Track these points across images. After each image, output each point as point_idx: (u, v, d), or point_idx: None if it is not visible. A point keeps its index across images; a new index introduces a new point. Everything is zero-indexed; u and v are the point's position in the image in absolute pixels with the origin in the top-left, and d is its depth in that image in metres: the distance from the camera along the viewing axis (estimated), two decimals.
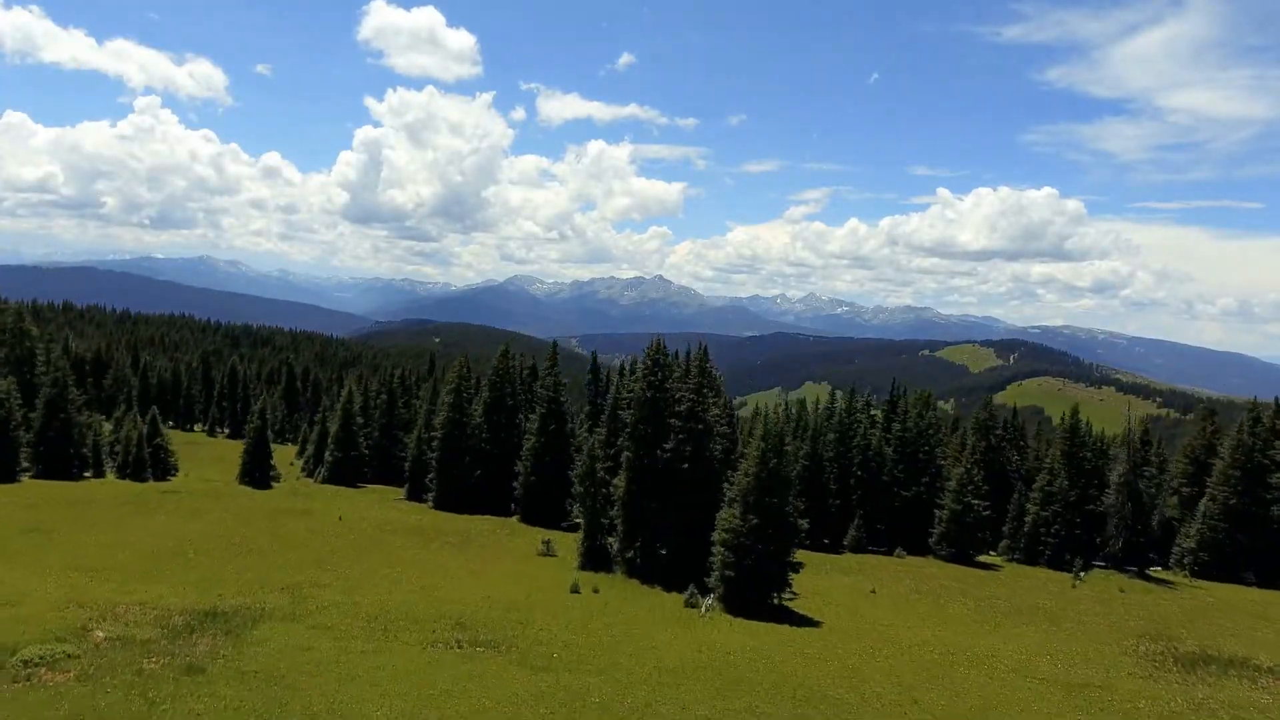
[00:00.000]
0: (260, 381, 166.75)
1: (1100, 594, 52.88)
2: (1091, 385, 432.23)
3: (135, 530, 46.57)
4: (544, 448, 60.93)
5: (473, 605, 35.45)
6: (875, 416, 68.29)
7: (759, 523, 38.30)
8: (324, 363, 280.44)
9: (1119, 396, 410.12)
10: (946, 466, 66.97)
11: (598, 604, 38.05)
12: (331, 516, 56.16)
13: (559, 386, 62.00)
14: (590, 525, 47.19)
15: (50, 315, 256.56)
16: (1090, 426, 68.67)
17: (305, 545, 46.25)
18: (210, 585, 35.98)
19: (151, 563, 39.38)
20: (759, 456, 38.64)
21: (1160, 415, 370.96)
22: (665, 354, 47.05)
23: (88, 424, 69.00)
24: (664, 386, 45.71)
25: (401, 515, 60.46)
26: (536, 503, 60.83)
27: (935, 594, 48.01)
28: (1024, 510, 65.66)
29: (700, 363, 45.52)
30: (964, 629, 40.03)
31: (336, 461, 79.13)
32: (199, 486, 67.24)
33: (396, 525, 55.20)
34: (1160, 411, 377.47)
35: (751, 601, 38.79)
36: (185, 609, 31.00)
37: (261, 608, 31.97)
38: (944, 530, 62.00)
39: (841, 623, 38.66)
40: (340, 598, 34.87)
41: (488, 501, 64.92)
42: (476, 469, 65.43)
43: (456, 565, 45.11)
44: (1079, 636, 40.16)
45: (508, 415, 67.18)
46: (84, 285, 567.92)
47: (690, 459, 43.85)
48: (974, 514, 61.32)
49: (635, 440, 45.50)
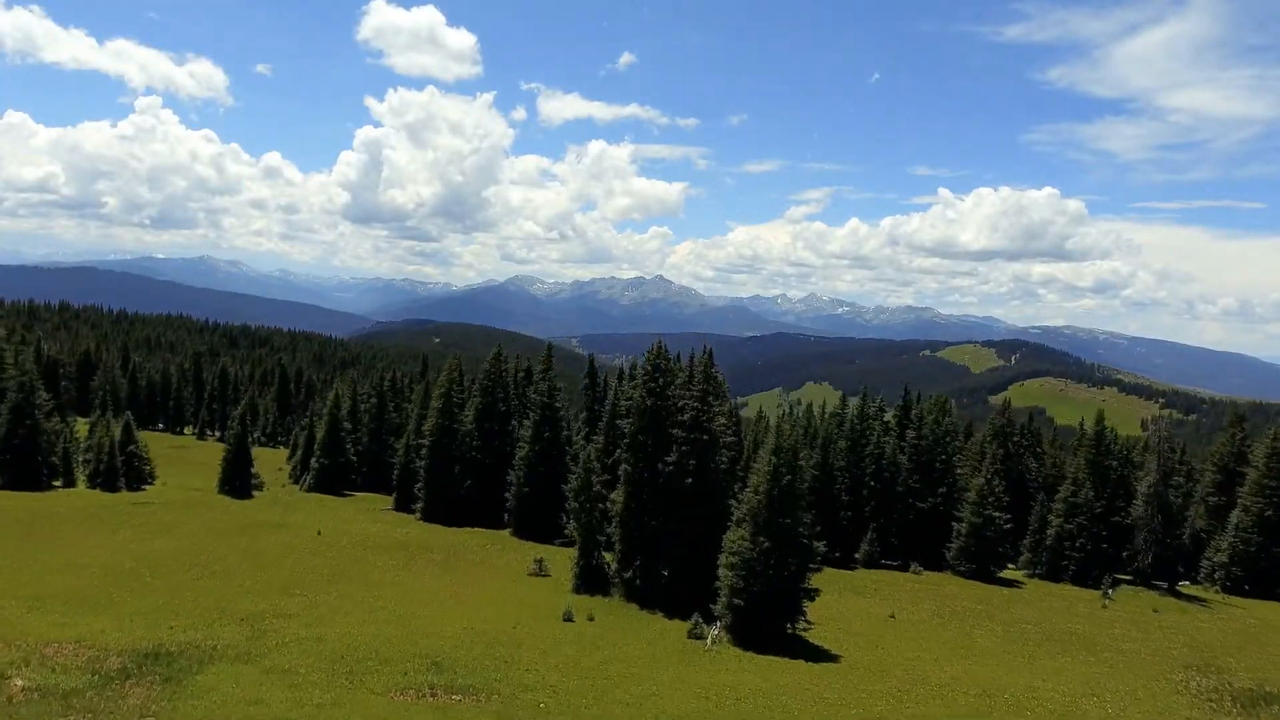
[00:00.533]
0: (253, 383, 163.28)
1: (1133, 615, 49.28)
2: (1093, 386, 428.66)
3: (92, 549, 43.02)
4: (538, 457, 57.32)
5: (453, 639, 31.87)
6: (889, 423, 64.60)
7: (770, 545, 34.70)
8: (322, 363, 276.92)
9: (1121, 397, 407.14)
10: (964, 476, 63.30)
11: (592, 635, 34.46)
12: (311, 530, 52.64)
13: (554, 391, 58.35)
14: (586, 543, 43.57)
15: (47, 315, 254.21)
16: (1115, 434, 65.08)
17: (277, 565, 42.68)
18: (162, 615, 32.44)
19: (102, 588, 35.82)
20: (770, 472, 35.04)
21: (1163, 416, 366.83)
22: (667, 358, 43.46)
23: (57, 430, 65.43)
24: (665, 394, 42.12)
25: (386, 529, 56.87)
26: (530, 515, 57.23)
27: (959, 618, 44.39)
28: (1046, 522, 62.01)
29: (705, 368, 41.94)
30: (996, 662, 36.41)
31: (323, 469, 75.59)
32: (174, 496, 63.68)
33: (379, 540, 51.58)
34: (1163, 412, 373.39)
35: (762, 632, 35.20)
36: (126, 648, 27.42)
37: (213, 645, 28.40)
38: (963, 545, 58.39)
39: (862, 656, 35.04)
40: (304, 631, 31.28)
41: (479, 513, 61.34)
42: (467, 479, 61.89)
43: (440, 587, 41.51)
44: (1122, 670, 36.56)
45: (500, 422, 63.59)
46: (84, 285, 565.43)
47: (694, 473, 40.26)
48: (995, 528, 57.71)
49: (634, 452, 41.92)
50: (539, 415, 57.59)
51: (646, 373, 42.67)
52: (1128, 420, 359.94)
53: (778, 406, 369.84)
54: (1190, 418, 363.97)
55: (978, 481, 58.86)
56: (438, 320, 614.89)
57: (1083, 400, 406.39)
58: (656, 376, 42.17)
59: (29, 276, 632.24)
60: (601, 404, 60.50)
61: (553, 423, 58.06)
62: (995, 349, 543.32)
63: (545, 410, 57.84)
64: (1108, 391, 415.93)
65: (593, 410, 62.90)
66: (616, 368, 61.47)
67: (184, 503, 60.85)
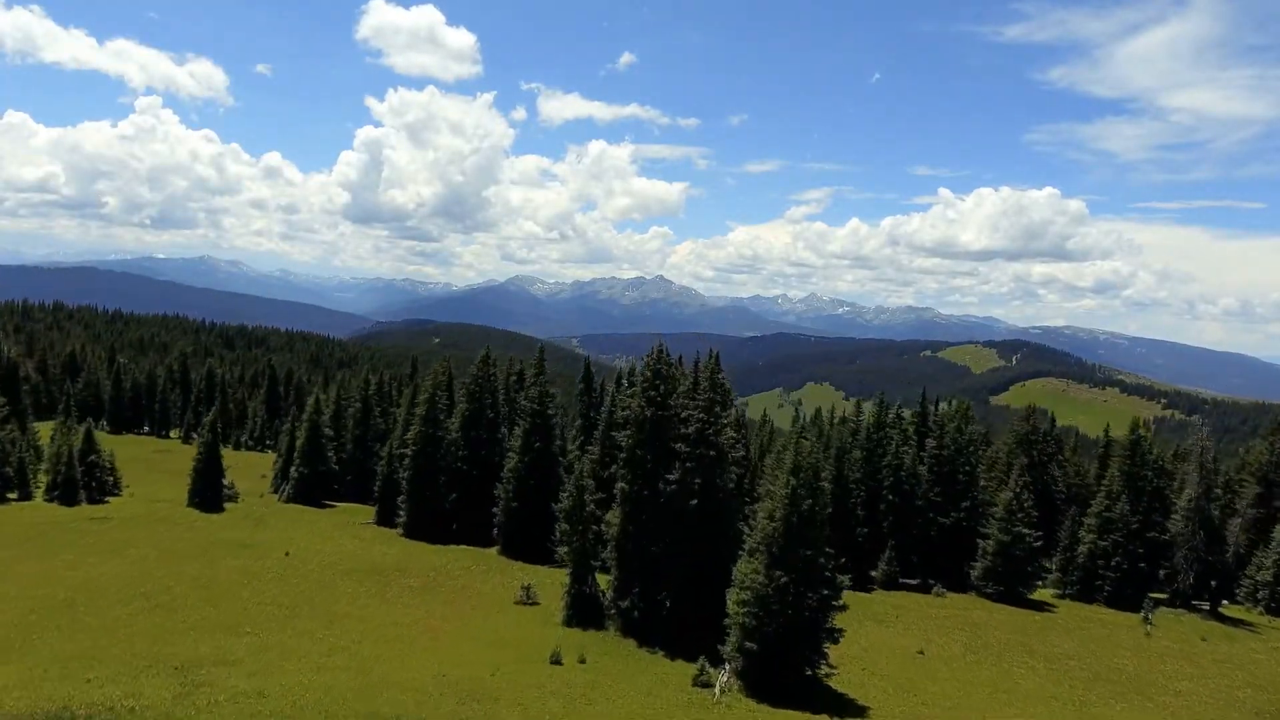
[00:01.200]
0: (243, 385, 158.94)
1: (1181, 645, 44.76)
2: (1095, 387, 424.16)
3: (24, 577, 38.50)
4: (528, 469, 52.67)
5: (419, 691, 27.36)
6: (907, 431, 59.94)
7: (788, 579, 30.16)
8: (318, 364, 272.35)
9: (1123, 398, 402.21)
10: (989, 489, 58.71)
11: (583, 684, 29.89)
12: (279, 551, 48.05)
13: (545, 398, 53.62)
14: (578, 569, 38.97)
15: (40, 315, 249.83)
16: (1152, 445, 60.57)
17: (231, 596, 38.12)
18: (84, 663, 27.94)
19: (21, 627, 31.34)
20: (788, 496, 30.50)
21: (1166, 417, 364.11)
22: (668, 362, 38.91)
23: (12, 438, 60.86)
24: (667, 403, 37.57)
25: (363, 547, 52.24)
26: (519, 532, 52.60)
27: (995, 653, 39.82)
28: (1076, 538, 57.48)
29: (711, 373, 37.36)
30: (1044, 710, 31.89)
31: (302, 479, 70.95)
32: (137, 510, 59.02)
33: (353, 563, 46.92)
34: (1165, 413, 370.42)
35: (778, 679, 30.65)
36: (24, 712, 22.96)
37: (131, 707, 23.93)
38: (989, 564, 53.79)
39: (894, 706, 30.52)
40: (245, 683, 26.76)
41: (465, 528, 56.74)
42: (453, 492, 57.30)
43: (414, 620, 36.96)
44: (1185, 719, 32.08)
45: (489, 429, 58.93)
46: (85, 286, 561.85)
47: (699, 492, 35.72)
48: (1024, 546, 53.14)
49: (632, 468, 37.40)
50: (529, 424, 52.96)
51: (646, 379, 38.14)
52: (1131, 421, 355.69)
53: (779, 407, 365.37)
54: (1193, 418, 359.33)
55: (1005, 495, 54.27)
56: (438, 320, 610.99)
57: (1084, 401, 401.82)
58: (657, 383, 37.65)
59: (29, 276, 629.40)
60: (598, 411, 55.87)
61: (544, 432, 53.42)
62: (996, 349, 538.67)
63: (536, 418, 53.22)
64: (1109, 392, 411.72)
65: (588, 418, 58.28)
66: (615, 370, 56.79)
67: (145, 518, 56.26)
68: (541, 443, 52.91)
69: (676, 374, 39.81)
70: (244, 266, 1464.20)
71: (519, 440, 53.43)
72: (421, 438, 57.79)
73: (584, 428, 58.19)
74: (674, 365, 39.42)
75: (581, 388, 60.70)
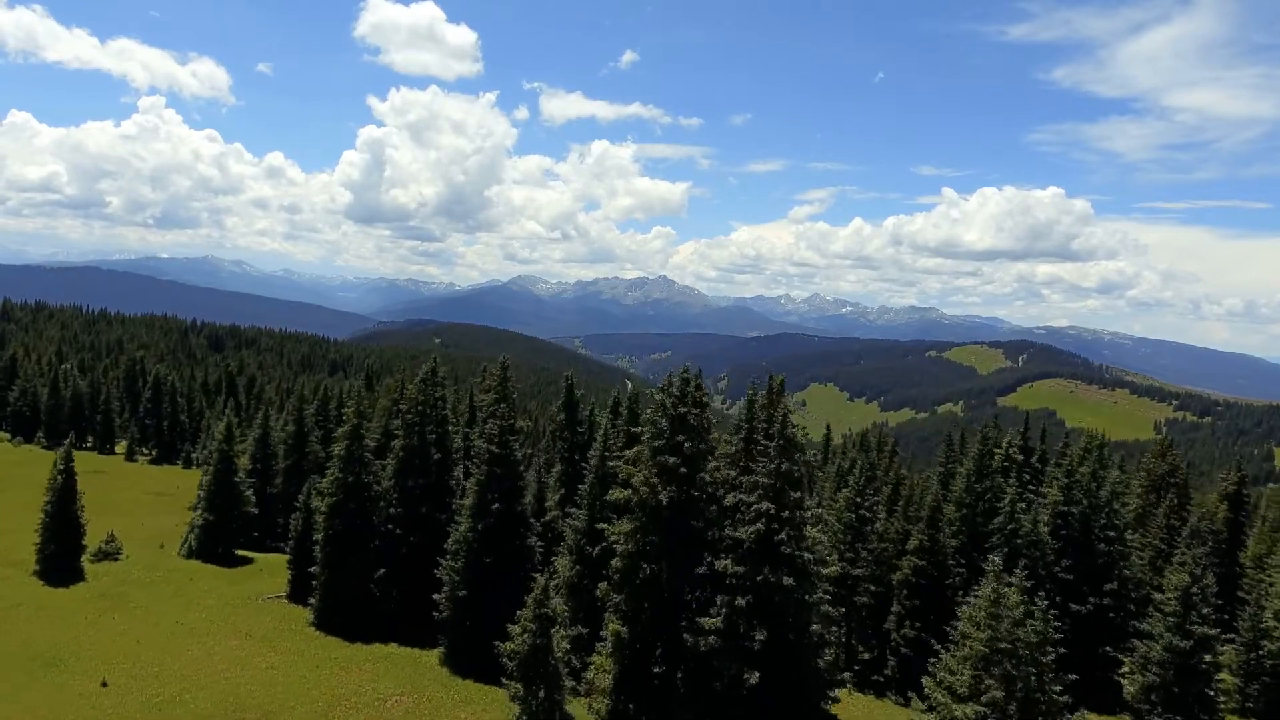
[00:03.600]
0: (205, 392, 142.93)
1: None
2: (1104, 388, 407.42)
3: None
4: (482, 539, 35.79)
5: None
6: (1024, 478, 43.01)
7: None
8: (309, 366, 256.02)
9: (1134, 399, 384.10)
10: (1140, 566, 41.83)
11: None
12: (95, 677, 31.43)
13: (508, 435, 36.60)
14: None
15: (20, 315, 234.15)
16: None
17: None
18: None
19: None
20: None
21: (1177, 419, 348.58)
22: (699, 400, 22.11)
23: None
24: (697, 470, 20.84)
25: (242, 654, 35.52)
26: (471, 633, 35.73)
27: None
28: (1261, 631, 40.62)
29: (782, 421, 20.46)
30: None
31: (207, 527, 54.25)
32: None
33: (206, 699, 30.18)
34: (1177, 415, 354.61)
35: None
36: None
37: None
38: (1154, 679, 36.97)
39: None
40: None
41: (401, 618, 40.12)
42: (381, 565, 40.57)
43: None
44: None
45: (436, 476, 42.14)
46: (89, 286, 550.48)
47: (762, 652, 18.94)
48: (1209, 653, 36.28)
49: (631, 593, 20.74)
50: (484, 474, 35.99)
51: (658, 429, 21.39)
52: (1141, 424, 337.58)
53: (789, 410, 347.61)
54: (1205, 420, 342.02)
55: (1179, 578, 37.36)
56: (440, 320, 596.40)
57: (1094, 403, 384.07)
58: (679, 439, 20.87)
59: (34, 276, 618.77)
60: (583, 455, 39.05)
61: (507, 484, 36.48)
62: (1002, 350, 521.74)
63: (495, 465, 36.21)
64: (1119, 394, 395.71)
65: (571, 462, 41.34)
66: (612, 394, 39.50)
67: None
68: (502, 502, 35.89)
69: (707, 418, 22.95)
70: (248, 266, 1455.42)
71: (471, 496, 36.61)
72: (339, 486, 41.02)
73: (565, 477, 41.31)
74: (706, 405, 22.45)
75: (563, 419, 43.42)
